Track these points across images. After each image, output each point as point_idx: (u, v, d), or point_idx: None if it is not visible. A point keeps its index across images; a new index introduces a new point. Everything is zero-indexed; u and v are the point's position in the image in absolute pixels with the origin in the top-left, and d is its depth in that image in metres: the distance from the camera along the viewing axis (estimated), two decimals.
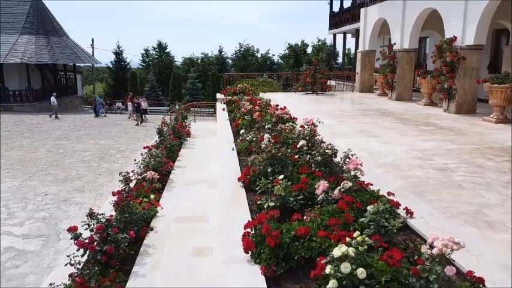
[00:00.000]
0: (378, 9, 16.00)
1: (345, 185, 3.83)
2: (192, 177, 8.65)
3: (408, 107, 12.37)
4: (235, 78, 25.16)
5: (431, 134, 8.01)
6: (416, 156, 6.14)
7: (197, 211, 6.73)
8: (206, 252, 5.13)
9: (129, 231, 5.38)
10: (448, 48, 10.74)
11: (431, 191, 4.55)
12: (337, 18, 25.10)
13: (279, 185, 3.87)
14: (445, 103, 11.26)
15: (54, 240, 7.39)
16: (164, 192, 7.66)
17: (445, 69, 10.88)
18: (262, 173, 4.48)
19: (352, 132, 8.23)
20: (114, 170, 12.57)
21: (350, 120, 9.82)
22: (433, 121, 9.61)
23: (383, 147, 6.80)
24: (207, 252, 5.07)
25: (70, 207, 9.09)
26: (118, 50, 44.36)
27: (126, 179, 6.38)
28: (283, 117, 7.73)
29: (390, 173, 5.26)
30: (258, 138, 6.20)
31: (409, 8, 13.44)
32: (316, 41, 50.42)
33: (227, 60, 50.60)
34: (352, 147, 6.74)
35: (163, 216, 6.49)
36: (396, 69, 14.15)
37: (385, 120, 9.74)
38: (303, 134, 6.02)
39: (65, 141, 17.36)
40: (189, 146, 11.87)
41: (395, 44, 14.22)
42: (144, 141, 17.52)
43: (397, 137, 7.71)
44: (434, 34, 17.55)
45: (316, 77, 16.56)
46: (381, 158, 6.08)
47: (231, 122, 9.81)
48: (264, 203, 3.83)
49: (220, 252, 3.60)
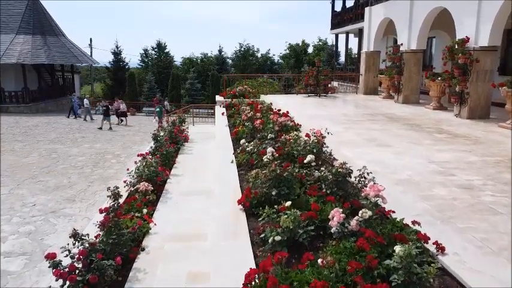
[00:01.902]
0: (384, 8, 15.40)
1: (363, 214, 3.24)
2: (188, 187, 8.15)
3: (416, 111, 11.77)
4: (235, 79, 24.64)
5: (447, 143, 7.42)
6: (436, 171, 5.54)
7: (193, 227, 6.23)
8: (202, 279, 4.57)
9: (115, 257, 4.81)
10: (460, 50, 10.14)
11: (460, 216, 3.96)
12: (340, 17, 24.53)
13: (285, 214, 3.28)
14: (457, 107, 10.67)
15: (38, 258, 6.78)
16: (159, 205, 7.14)
17: (456, 72, 10.28)
18: (265, 195, 3.90)
19: (361, 140, 7.63)
20: (107, 176, 11.98)
21: (357, 126, 9.23)
22: (445, 127, 9.02)
23: (397, 159, 6.21)
24: (203, 279, 4.52)
25: (58, 220, 8.49)
26: (116, 50, 43.67)
27: (114, 194, 5.77)
28: (287, 125, 7.14)
29: (409, 193, 4.66)
30: (260, 150, 5.60)
31: (417, 7, 12.84)
32: (317, 41, 49.72)
33: (227, 60, 49.93)
34: (363, 159, 6.23)
35: (157, 234, 5.98)
36: (403, 71, 13.56)
37: (395, 127, 9.15)
38: (309, 145, 5.43)
39: (59, 145, 16.76)
40: (187, 151, 11.33)
41: (402, 45, 13.62)
42: (141, 144, 16.94)
43: (411, 146, 7.12)
44: (441, 34, 16.96)
45: (319, 78, 15.97)
46: (396, 173, 5.49)
47: (230, 128, 9.22)
48: (268, 236, 3.24)
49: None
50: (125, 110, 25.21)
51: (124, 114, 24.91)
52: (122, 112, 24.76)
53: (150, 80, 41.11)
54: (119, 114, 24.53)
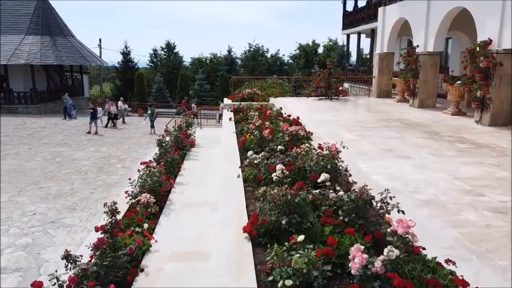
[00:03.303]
0: (398, 8, 14.80)
1: (389, 254, 2.75)
2: (193, 197, 7.77)
3: (434, 117, 11.18)
4: (244, 80, 24.17)
5: (471, 154, 6.86)
6: (463, 189, 5.01)
7: (196, 243, 5.80)
8: None
9: (109, 283, 4.40)
10: (482, 53, 9.54)
11: (498, 250, 3.44)
12: (351, 17, 23.96)
13: (298, 253, 2.81)
14: (477, 113, 10.07)
15: (33, 275, 6.41)
16: (161, 218, 6.75)
17: (478, 76, 9.69)
18: (274, 223, 3.42)
19: (377, 151, 7.11)
20: (111, 183, 11.61)
21: (372, 134, 8.69)
22: (467, 136, 8.44)
23: (417, 174, 5.68)
24: None
25: (57, 231, 8.12)
26: (125, 50, 43.63)
27: (112, 211, 5.35)
28: (298, 135, 6.65)
29: (436, 217, 4.15)
30: (268, 165, 5.13)
31: (435, 7, 12.23)
32: (327, 41, 49.06)
33: (236, 60, 49.53)
34: (381, 174, 5.72)
35: (157, 252, 5.59)
36: (419, 74, 12.96)
37: (412, 134, 8.59)
38: (322, 160, 4.94)
39: (64, 148, 16.47)
40: (193, 157, 10.92)
41: (418, 47, 13.03)
42: (147, 148, 16.58)
43: (432, 158, 6.58)
44: (457, 35, 16.28)
45: (331, 81, 15.43)
46: (418, 191, 4.97)
47: (237, 135, 8.77)
48: (277, 278, 2.77)
49: None
50: (115, 112, 24.15)
51: (116, 116, 23.95)
52: (114, 114, 23.81)
53: (159, 80, 40.85)
54: (111, 117, 23.55)
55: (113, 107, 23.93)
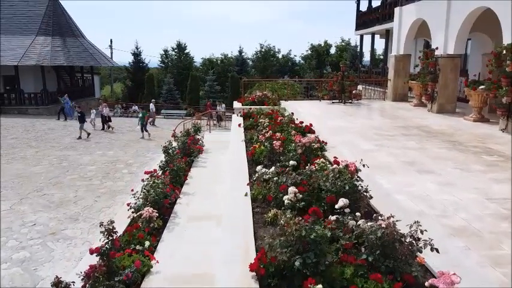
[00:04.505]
0: (416, 8, 14.15)
1: None
2: (199, 209, 7.40)
3: (455, 123, 10.55)
4: (254, 82, 23.68)
5: (501, 169, 6.26)
6: (498, 214, 4.45)
7: (200, 263, 5.31)
8: None
9: None
10: (509, 56, 8.90)
11: None
12: (365, 17, 23.30)
13: None
14: (503, 121, 9.42)
15: None
16: (164, 233, 6.34)
17: (504, 81, 9.04)
18: (285, 263, 2.93)
19: (398, 164, 6.56)
20: (116, 190, 11.23)
21: (390, 143, 8.13)
22: (493, 146, 7.82)
23: (444, 193, 5.13)
24: None
25: (57, 245, 7.73)
26: (136, 51, 43.47)
27: (108, 231, 4.91)
28: (311, 147, 6.14)
29: (472, 250, 3.61)
30: (279, 184, 4.63)
31: (456, 7, 11.58)
32: (339, 41, 48.23)
33: (247, 61, 49.03)
34: (404, 193, 5.17)
35: (158, 274, 5.18)
36: (438, 78, 12.31)
37: (434, 144, 8.01)
38: (340, 180, 4.42)
39: (71, 151, 16.18)
40: (201, 164, 10.51)
41: (437, 49, 12.38)
42: (154, 152, 16.18)
43: (457, 174, 6.00)
44: (478, 36, 15.53)
45: (344, 84, 14.85)
46: (447, 216, 4.42)
47: (247, 144, 8.29)
48: None
49: None
50: (108, 115, 23.00)
51: (109, 119, 22.89)
52: (108, 117, 22.80)
53: (169, 81, 40.57)
54: (105, 119, 22.54)
55: (106, 109, 22.71)
